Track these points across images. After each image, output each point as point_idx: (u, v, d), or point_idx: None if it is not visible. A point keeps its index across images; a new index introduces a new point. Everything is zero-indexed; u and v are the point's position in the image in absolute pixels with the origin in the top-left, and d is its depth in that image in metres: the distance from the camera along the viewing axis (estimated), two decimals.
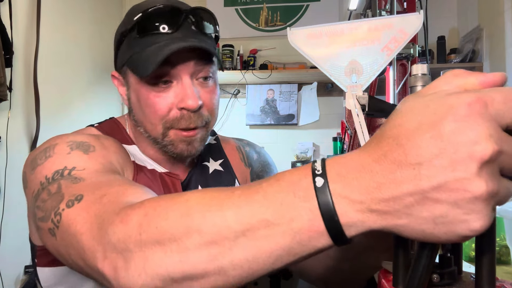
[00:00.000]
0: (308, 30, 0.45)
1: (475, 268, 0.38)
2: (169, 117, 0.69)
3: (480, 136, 0.26)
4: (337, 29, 0.45)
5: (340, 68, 0.43)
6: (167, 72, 0.67)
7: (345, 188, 0.30)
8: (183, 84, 0.68)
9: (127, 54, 0.71)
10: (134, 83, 0.71)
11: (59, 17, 2.39)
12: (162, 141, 0.72)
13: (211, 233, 0.34)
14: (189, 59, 0.68)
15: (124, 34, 0.71)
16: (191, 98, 0.67)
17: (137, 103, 0.72)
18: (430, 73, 0.44)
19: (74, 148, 0.62)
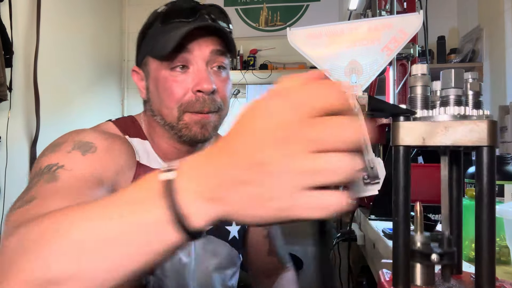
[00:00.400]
0: (308, 30, 0.45)
1: (475, 268, 0.38)
2: (184, 100, 0.74)
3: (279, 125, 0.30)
4: (337, 29, 0.45)
5: (340, 68, 0.43)
6: (184, 58, 0.74)
7: (189, 181, 0.33)
8: (199, 68, 0.74)
9: (150, 44, 0.78)
10: (153, 70, 0.77)
11: (59, 17, 2.39)
12: (178, 125, 0.75)
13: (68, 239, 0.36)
14: (205, 47, 0.74)
15: (147, 27, 0.79)
16: (206, 82, 0.73)
17: (155, 90, 0.78)
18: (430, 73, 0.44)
19: (76, 148, 0.67)
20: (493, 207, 0.37)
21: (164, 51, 0.72)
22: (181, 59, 0.74)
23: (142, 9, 3.32)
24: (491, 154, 0.37)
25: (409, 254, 0.40)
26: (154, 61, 0.77)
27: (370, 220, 1.23)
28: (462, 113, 0.39)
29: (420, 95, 0.41)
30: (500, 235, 0.76)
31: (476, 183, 0.37)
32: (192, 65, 0.75)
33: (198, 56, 0.74)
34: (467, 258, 0.74)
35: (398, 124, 0.40)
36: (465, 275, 0.45)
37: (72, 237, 0.36)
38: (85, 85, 2.69)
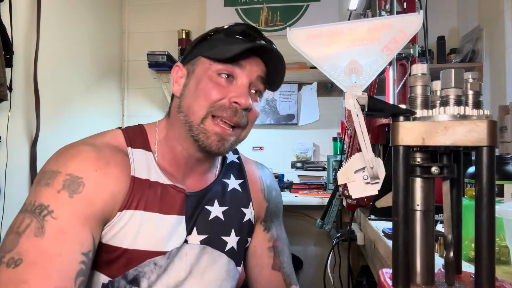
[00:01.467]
0: (308, 30, 0.45)
1: (475, 268, 0.38)
2: (218, 103, 0.77)
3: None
4: (337, 29, 0.45)
5: (340, 68, 0.43)
6: (234, 70, 0.79)
7: None
8: (243, 83, 0.79)
9: (208, 47, 0.81)
10: (201, 70, 0.80)
11: (59, 17, 2.39)
12: (198, 127, 0.78)
13: None
14: (256, 69, 0.80)
15: (210, 34, 0.83)
16: (245, 97, 0.78)
17: (194, 87, 0.80)
18: (430, 73, 0.44)
19: (66, 186, 0.71)
20: (493, 207, 0.37)
21: (224, 55, 0.77)
22: (231, 69, 0.78)
23: (142, 9, 3.34)
24: (491, 154, 0.37)
25: (409, 252, 0.40)
26: (206, 61, 0.80)
27: (370, 220, 1.23)
28: (462, 113, 0.39)
29: (420, 95, 0.41)
30: (500, 235, 0.76)
31: (476, 183, 0.37)
32: (237, 79, 0.79)
33: (247, 74, 0.79)
34: (467, 258, 0.74)
35: (398, 124, 0.40)
36: (465, 275, 0.45)
37: None
38: (85, 85, 2.69)
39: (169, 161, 0.84)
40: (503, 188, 0.89)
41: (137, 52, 3.16)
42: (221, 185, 0.90)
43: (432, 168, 0.40)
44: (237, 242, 0.89)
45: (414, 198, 0.41)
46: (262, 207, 0.96)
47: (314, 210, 2.61)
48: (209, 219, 0.85)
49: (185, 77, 0.83)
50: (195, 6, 3.14)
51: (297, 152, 3.02)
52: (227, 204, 0.89)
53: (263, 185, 0.98)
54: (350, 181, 0.45)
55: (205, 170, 0.88)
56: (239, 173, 0.95)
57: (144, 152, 0.82)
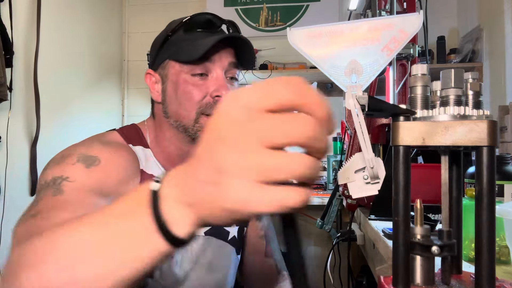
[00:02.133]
0: (308, 30, 0.45)
1: (475, 268, 0.38)
2: (203, 102, 0.79)
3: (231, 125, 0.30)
4: (337, 29, 0.45)
5: (340, 68, 0.43)
6: (206, 66, 0.79)
7: (172, 189, 0.34)
8: (218, 76, 0.80)
9: (173, 49, 0.81)
10: (174, 74, 0.81)
11: (59, 17, 2.39)
12: (194, 127, 0.79)
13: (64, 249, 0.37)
14: (225, 58, 0.81)
15: (169, 34, 0.82)
16: (225, 88, 0.79)
17: (174, 93, 0.81)
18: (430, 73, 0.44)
19: (80, 161, 0.70)
20: (493, 207, 0.37)
21: (192, 57, 0.77)
22: (202, 67, 0.79)
23: (142, 9, 3.34)
24: (491, 154, 0.37)
25: (409, 252, 0.40)
26: (175, 65, 0.81)
27: (370, 220, 1.23)
28: (462, 113, 0.39)
29: (420, 95, 0.41)
30: (500, 235, 0.76)
31: (476, 183, 0.37)
32: (211, 73, 0.80)
33: (219, 66, 0.80)
34: (467, 258, 0.74)
35: (398, 124, 0.40)
36: (465, 275, 0.45)
37: (67, 248, 0.37)
38: (85, 85, 2.69)
39: (164, 159, 0.85)
40: (503, 188, 0.89)
41: (137, 52, 3.16)
42: None
43: (432, 247, 0.40)
44: (237, 231, 0.92)
45: (414, 276, 0.41)
46: None
47: (314, 210, 2.60)
48: None
49: (160, 83, 0.84)
50: (195, 6, 3.14)
51: None
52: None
53: None
54: (350, 181, 0.45)
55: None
56: None
57: (143, 149, 0.84)
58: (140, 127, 0.88)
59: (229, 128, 0.30)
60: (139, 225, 0.34)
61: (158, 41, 0.85)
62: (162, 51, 0.84)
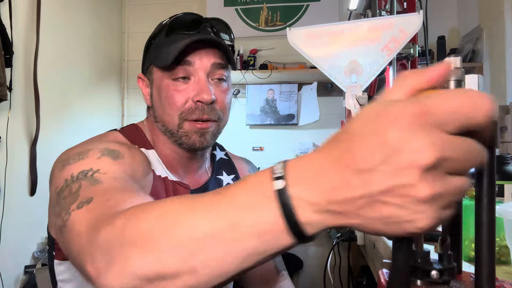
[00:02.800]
0: (308, 30, 0.45)
1: (475, 268, 0.38)
2: (185, 108, 0.78)
3: (422, 145, 0.28)
4: (337, 29, 0.45)
5: (340, 68, 0.43)
6: (186, 70, 0.77)
7: (303, 190, 0.32)
8: (200, 79, 0.78)
9: (154, 54, 0.81)
10: (157, 79, 0.81)
11: (59, 17, 2.39)
12: (178, 133, 0.79)
13: (182, 236, 0.36)
14: (207, 59, 0.78)
15: (153, 38, 0.82)
16: (206, 92, 0.76)
17: (158, 98, 0.81)
18: None
19: (106, 154, 0.68)
20: (493, 207, 0.37)
21: (166, 62, 0.76)
22: (183, 71, 0.77)
23: (142, 9, 3.34)
24: (491, 154, 0.37)
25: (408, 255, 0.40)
26: (158, 70, 0.80)
27: None
28: None
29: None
30: (500, 235, 0.76)
31: (476, 183, 0.37)
32: (193, 77, 0.78)
33: (199, 68, 0.78)
34: (467, 258, 0.74)
35: None
36: (465, 275, 0.45)
37: (184, 234, 0.36)
38: (85, 85, 2.69)
39: (164, 161, 0.85)
40: (503, 188, 0.89)
41: (137, 52, 3.15)
42: (216, 182, 0.92)
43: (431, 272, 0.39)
44: None
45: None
46: None
47: None
48: None
49: (149, 87, 0.84)
50: (195, 6, 3.14)
51: (297, 152, 3.02)
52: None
53: None
54: None
55: (198, 167, 0.89)
56: (229, 169, 0.97)
57: (146, 151, 0.83)
58: (140, 127, 0.88)
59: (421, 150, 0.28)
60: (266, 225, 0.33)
61: (145, 44, 0.85)
62: (147, 56, 0.84)
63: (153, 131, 0.85)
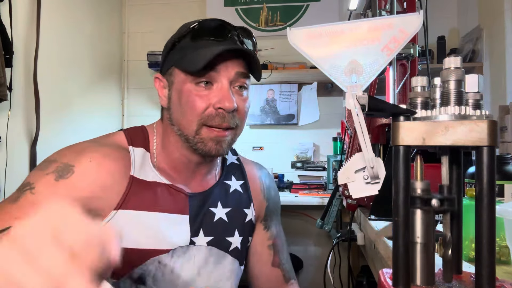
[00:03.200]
0: (308, 30, 0.45)
1: (475, 268, 0.38)
2: (205, 114, 0.77)
3: None
4: (337, 29, 0.44)
5: (340, 68, 0.43)
6: (210, 75, 0.77)
7: None
8: (223, 87, 0.77)
9: (178, 56, 0.80)
10: (179, 82, 0.80)
11: (59, 17, 2.39)
12: (194, 139, 0.78)
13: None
14: (232, 68, 0.78)
15: (177, 40, 0.81)
16: (228, 100, 0.76)
17: (178, 101, 0.80)
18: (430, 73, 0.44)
19: (55, 171, 0.72)
20: (493, 207, 0.37)
21: (194, 67, 0.75)
22: (207, 76, 0.77)
23: (142, 9, 3.34)
24: (491, 154, 0.37)
25: (409, 253, 0.40)
26: (180, 73, 0.79)
27: (370, 220, 1.23)
28: (463, 113, 0.39)
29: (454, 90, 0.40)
30: (500, 235, 0.76)
31: (476, 183, 0.37)
32: (216, 83, 0.78)
33: (224, 76, 0.77)
34: (467, 258, 0.74)
35: (398, 124, 0.40)
36: (465, 275, 0.45)
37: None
38: (85, 85, 2.69)
39: (168, 165, 0.84)
40: (503, 188, 0.89)
41: (137, 52, 3.16)
42: (223, 187, 0.91)
43: (432, 200, 0.40)
44: (241, 242, 0.91)
45: (414, 231, 0.41)
46: (262, 207, 0.98)
47: (314, 210, 2.60)
48: (214, 220, 0.87)
49: (167, 89, 0.83)
50: (195, 6, 3.14)
51: (297, 152, 3.02)
52: (230, 206, 0.90)
53: (262, 185, 0.99)
54: (350, 181, 0.45)
55: (206, 172, 0.88)
56: (239, 174, 0.96)
57: (143, 152, 0.83)
58: (148, 129, 0.88)
59: None
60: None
61: (167, 45, 0.84)
62: (169, 57, 0.83)
63: (166, 132, 0.84)
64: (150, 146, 0.85)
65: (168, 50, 0.83)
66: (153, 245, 0.78)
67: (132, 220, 0.76)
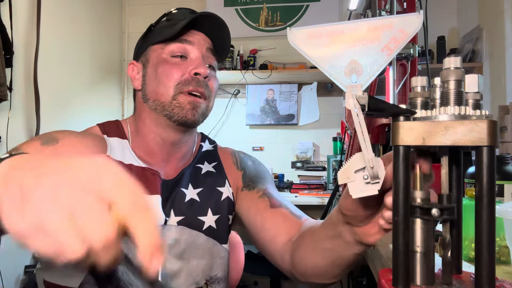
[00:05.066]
0: (308, 30, 0.45)
1: (475, 268, 0.38)
2: (182, 79, 0.83)
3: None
4: (337, 29, 0.44)
5: (340, 68, 0.43)
6: (185, 48, 0.85)
7: None
8: (197, 57, 0.85)
9: (155, 36, 0.87)
10: (155, 57, 0.86)
11: (59, 17, 2.39)
12: (171, 104, 0.82)
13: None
14: (203, 43, 0.87)
15: (153, 25, 0.89)
16: (203, 67, 0.83)
17: (154, 74, 0.85)
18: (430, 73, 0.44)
19: (42, 139, 0.77)
20: (493, 207, 0.37)
21: (171, 32, 0.83)
22: (182, 49, 0.85)
23: (142, 9, 3.34)
24: (491, 154, 0.37)
25: (409, 253, 0.40)
26: (157, 48, 0.86)
27: None
28: (463, 113, 0.39)
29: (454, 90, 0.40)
30: (500, 235, 0.76)
31: (476, 183, 0.37)
32: (190, 55, 0.85)
33: (197, 49, 0.85)
34: (467, 258, 0.74)
35: (398, 124, 0.40)
36: (465, 275, 0.45)
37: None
38: (85, 85, 2.69)
39: (144, 151, 0.87)
40: (503, 188, 0.89)
41: None
42: (195, 170, 0.93)
43: (432, 210, 0.40)
44: (216, 220, 0.89)
45: (414, 240, 0.41)
46: (238, 177, 0.95)
47: (314, 210, 2.60)
48: (185, 201, 0.88)
49: (142, 70, 0.89)
50: (195, 6, 3.14)
51: (297, 152, 3.02)
52: (201, 186, 0.91)
53: (235, 158, 0.99)
54: (350, 181, 0.45)
55: (181, 157, 0.91)
56: (212, 158, 0.97)
57: (119, 140, 0.87)
58: (121, 121, 0.93)
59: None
60: None
61: (141, 36, 0.92)
62: (144, 41, 0.90)
63: (138, 117, 0.89)
64: (125, 134, 0.89)
65: (144, 36, 0.91)
66: None
67: None
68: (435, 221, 0.41)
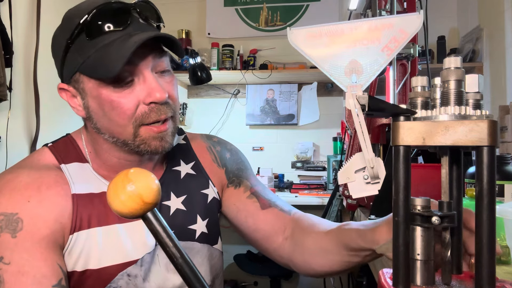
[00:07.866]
0: (308, 30, 0.45)
1: (475, 268, 0.38)
2: (138, 113, 0.69)
3: None
4: (337, 29, 0.44)
5: (340, 68, 0.43)
6: (127, 70, 0.67)
7: None
8: (147, 79, 0.68)
9: (79, 60, 0.68)
10: (92, 88, 0.69)
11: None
12: (134, 142, 0.71)
13: None
14: (146, 54, 0.68)
15: (70, 40, 0.69)
16: (159, 91, 0.67)
17: (99, 110, 0.70)
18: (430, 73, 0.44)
19: (4, 228, 0.65)
20: (493, 207, 0.37)
21: (106, 74, 0.65)
22: (124, 76, 0.67)
23: None
24: (491, 154, 0.37)
25: (409, 253, 0.40)
26: (89, 80, 0.69)
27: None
28: (463, 113, 0.39)
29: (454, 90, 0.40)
30: (500, 235, 0.76)
31: (476, 183, 0.37)
32: (137, 76, 0.68)
33: (142, 66, 0.68)
34: None
35: (398, 124, 0.40)
36: (465, 275, 0.45)
37: None
38: None
39: (108, 170, 0.77)
40: (503, 188, 0.89)
41: None
42: (172, 175, 0.84)
43: (432, 218, 0.40)
44: (207, 225, 0.85)
45: (415, 248, 0.41)
46: (221, 175, 0.90)
47: (314, 210, 2.60)
48: (171, 214, 0.81)
49: (79, 97, 0.73)
50: (195, 6, 3.14)
51: (297, 152, 3.02)
52: (184, 193, 0.84)
53: (213, 154, 0.91)
54: (350, 181, 0.45)
55: (152, 166, 0.81)
56: (187, 156, 0.88)
57: (79, 165, 0.76)
58: (75, 138, 0.80)
59: None
60: None
61: (58, 48, 0.72)
62: (67, 61, 0.71)
63: (96, 140, 0.76)
64: (83, 155, 0.77)
65: (62, 53, 0.71)
66: (118, 260, 0.73)
67: (90, 240, 0.72)
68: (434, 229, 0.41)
